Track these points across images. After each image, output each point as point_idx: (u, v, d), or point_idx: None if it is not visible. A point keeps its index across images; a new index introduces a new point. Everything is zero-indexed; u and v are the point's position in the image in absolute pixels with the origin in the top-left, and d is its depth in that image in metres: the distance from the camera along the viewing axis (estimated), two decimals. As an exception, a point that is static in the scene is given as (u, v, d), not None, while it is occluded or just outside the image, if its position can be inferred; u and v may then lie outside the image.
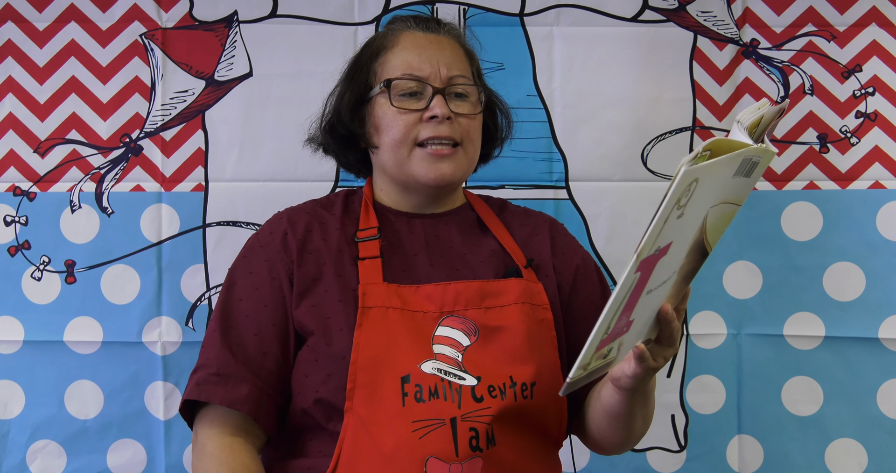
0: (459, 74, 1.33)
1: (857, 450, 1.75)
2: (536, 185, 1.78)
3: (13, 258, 1.75)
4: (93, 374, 1.74)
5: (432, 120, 1.30)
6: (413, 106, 1.31)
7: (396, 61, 1.33)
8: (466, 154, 1.34)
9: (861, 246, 1.75)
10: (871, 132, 1.77)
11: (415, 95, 1.31)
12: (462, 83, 1.33)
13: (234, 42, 1.77)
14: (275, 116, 1.77)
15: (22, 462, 1.74)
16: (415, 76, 1.31)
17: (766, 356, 1.76)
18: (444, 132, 1.30)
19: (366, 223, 1.35)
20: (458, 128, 1.31)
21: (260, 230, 1.38)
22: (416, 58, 1.32)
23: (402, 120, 1.31)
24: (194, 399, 1.26)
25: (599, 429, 1.31)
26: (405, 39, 1.35)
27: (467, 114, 1.33)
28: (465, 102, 1.34)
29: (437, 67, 1.32)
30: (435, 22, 1.39)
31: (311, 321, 1.26)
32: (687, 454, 1.78)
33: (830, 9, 1.78)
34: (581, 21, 1.78)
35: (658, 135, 1.78)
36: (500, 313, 1.27)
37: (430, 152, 1.30)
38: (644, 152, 1.78)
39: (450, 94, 1.32)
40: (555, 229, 1.43)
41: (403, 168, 1.33)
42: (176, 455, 1.74)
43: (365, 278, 1.27)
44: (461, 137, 1.32)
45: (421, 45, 1.34)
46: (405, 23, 1.39)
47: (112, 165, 1.76)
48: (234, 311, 1.30)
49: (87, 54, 1.77)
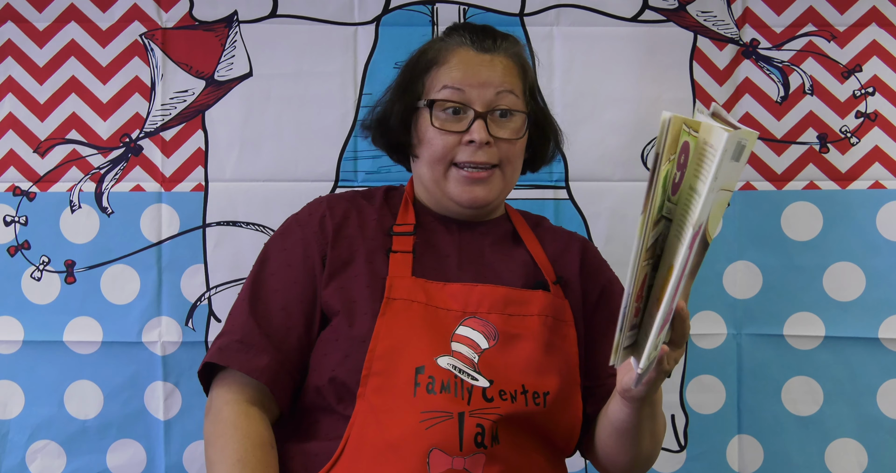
0: (508, 89, 1.31)
1: (857, 450, 1.75)
2: (536, 185, 1.78)
3: (13, 258, 1.75)
4: (93, 374, 1.74)
5: (471, 144, 1.30)
6: (454, 128, 1.31)
7: (444, 79, 1.32)
8: (504, 177, 1.34)
9: (861, 246, 1.75)
10: (871, 132, 1.77)
11: (457, 114, 1.31)
12: (507, 106, 1.31)
13: (234, 42, 1.77)
14: (275, 116, 1.77)
15: (22, 462, 1.74)
16: (457, 100, 1.31)
17: (766, 356, 1.76)
18: (481, 158, 1.30)
19: (403, 219, 1.36)
20: (497, 152, 1.31)
21: (299, 212, 1.40)
22: (463, 78, 1.31)
23: (441, 140, 1.31)
24: (214, 363, 1.28)
25: (607, 447, 1.30)
26: (456, 57, 1.33)
27: (508, 138, 1.32)
28: (508, 124, 1.32)
29: (484, 88, 1.30)
30: (491, 39, 1.35)
31: (338, 301, 1.28)
32: (687, 454, 1.78)
33: (830, 9, 1.78)
34: (581, 21, 1.78)
35: (658, 135, 1.78)
36: (522, 321, 1.28)
37: (466, 175, 1.31)
38: (644, 152, 1.78)
39: (493, 114, 1.31)
40: (586, 249, 1.43)
41: (439, 185, 1.34)
42: (176, 455, 1.74)
43: (394, 271, 1.29)
44: (499, 161, 1.32)
45: (470, 66, 1.32)
46: (461, 38, 1.35)
47: (112, 165, 1.76)
48: (265, 285, 1.32)
49: (87, 54, 1.77)
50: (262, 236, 1.74)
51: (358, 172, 1.77)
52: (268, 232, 1.75)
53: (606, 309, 1.38)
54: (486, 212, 1.39)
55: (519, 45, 1.39)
